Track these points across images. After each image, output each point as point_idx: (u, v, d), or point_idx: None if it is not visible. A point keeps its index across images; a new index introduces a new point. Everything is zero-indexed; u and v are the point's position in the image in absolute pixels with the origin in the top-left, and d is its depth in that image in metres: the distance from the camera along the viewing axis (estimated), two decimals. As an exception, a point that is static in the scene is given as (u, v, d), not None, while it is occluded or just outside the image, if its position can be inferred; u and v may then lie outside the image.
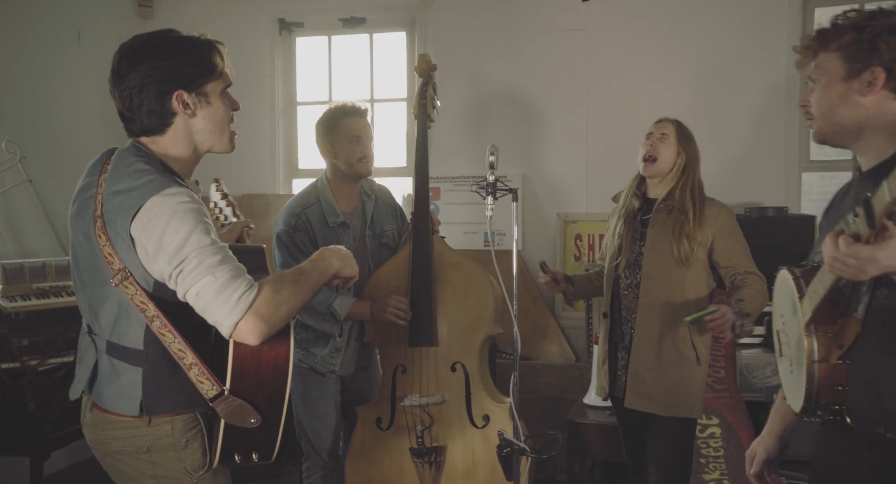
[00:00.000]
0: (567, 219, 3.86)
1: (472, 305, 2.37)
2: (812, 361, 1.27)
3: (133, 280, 1.41)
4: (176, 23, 4.63)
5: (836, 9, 4.17)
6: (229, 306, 1.34)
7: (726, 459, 2.87)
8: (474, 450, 2.33)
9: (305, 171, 4.28)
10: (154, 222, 1.37)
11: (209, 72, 1.50)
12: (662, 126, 2.37)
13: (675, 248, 2.24)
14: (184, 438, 1.51)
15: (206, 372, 1.42)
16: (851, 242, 1.09)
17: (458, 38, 3.95)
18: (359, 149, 2.45)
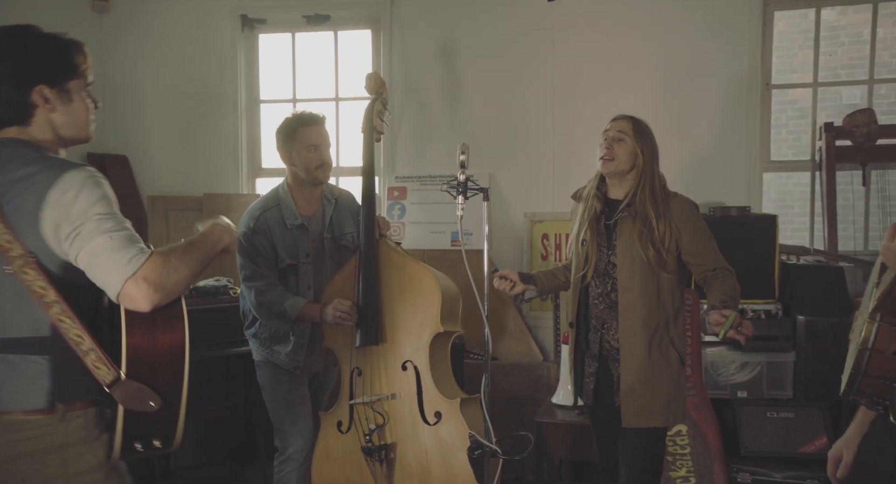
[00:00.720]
0: (534, 218, 3.87)
1: (419, 303, 2.41)
2: (866, 348, 1.24)
3: (36, 265, 1.41)
4: (133, 17, 4.56)
5: (795, 12, 4.23)
6: (121, 265, 1.37)
7: (692, 457, 2.90)
8: (427, 447, 2.35)
9: (269, 171, 4.21)
10: (67, 195, 1.40)
11: (72, 70, 1.54)
12: (618, 124, 2.31)
13: (644, 256, 2.20)
14: (96, 429, 1.50)
15: (103, 358, 1.41)
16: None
17: (424, 37, 3.93)
18: (316, 157, 2.54)
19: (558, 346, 3.57)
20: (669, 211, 2.23)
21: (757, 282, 3.19)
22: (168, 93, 4.13)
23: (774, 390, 3.10)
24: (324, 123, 2.61)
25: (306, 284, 2.56)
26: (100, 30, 4.23)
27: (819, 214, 3.63)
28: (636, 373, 2.22)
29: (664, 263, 2.21)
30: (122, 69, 4.22)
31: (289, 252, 2.53)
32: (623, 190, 2.29)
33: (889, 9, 3.97)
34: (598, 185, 2.35)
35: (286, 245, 2.52)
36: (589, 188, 2.37)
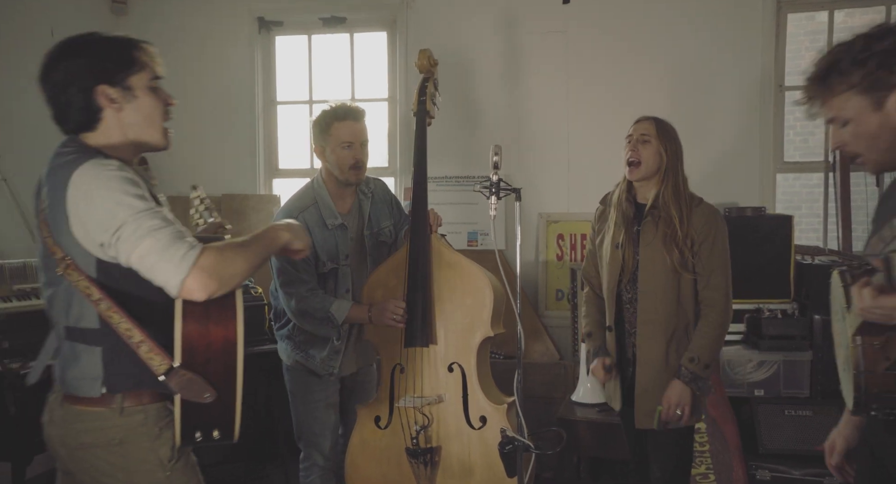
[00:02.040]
0: (549, 219, 3.90)
1: (470, 305, 2.35)
2: (859, 371, 1.30)
3: (75, 267, 1.44)
4: (151, 20, 4.60)
5: (809, 14, 4.26)
6: (174, 264, 1.36)
7: (711, 453, 2.94)
8: (471, 451, 2.32)
9: (286, 171, 4.25)
10: (83, 191, 1.40)
11: (129, 65, 1.52)
12: (642, 126, 2.31)
13: (668, 258, 2.21)
14: (157, 427, 1.52)
15: (154, 348, 1.43)
16: (876, 295, 1.16)
17: (440, 39, 3.95)
18: (349, 155, 2.41)
19: (576, 345, 3.61)
20: (692, 218, 2.23)
21: (773, 282, 3.23)
22: (186, 94, 4.13)
23: (791, 389, 3.13)
24: (362, 118, 2.46)
25: (345, 287, 2.46)
26: (118, 31, 4.24)
27: (832, 215, 3.67)
28: (652, 375, 2.24)
29: (687, 264, 2.22)
30: (139, 71, 4.26)
31: (329, 255, 2.42)
32: (651, 193, 2.30)
33: (901, 11, 4.00)
34: (626, 188, 2.35)
35: (326, 247, 2.41)
36: (619, 193, 2.37)
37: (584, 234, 3.84)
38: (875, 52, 1.35)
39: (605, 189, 2.62)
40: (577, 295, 3.58)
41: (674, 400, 2.19)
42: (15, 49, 3.60)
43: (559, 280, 3.87)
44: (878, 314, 1.17)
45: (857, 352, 1.30)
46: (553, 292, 3.89)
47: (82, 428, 1.51)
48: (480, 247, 3.93)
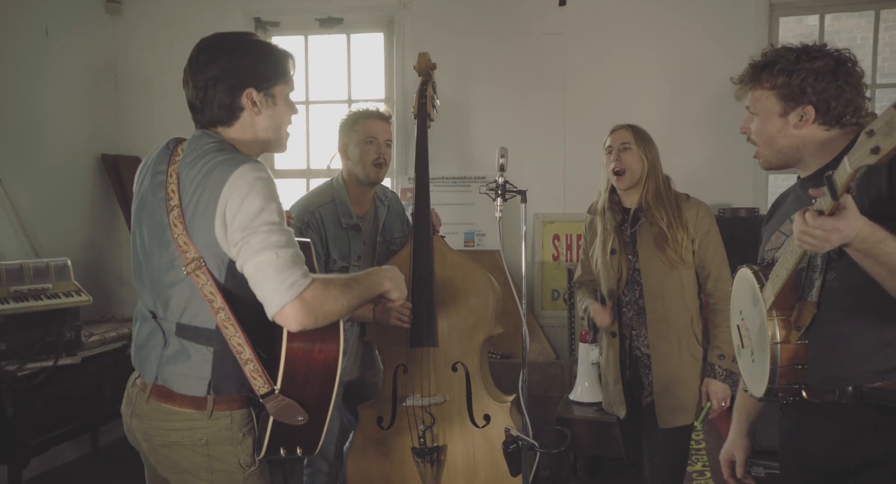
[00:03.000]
0: (545, 219, 3.93)
1: (473, 305, 2.38)
2: (775, 343, 1.39)
3: (206, 270, 1.45)
4: (146, 19, 4.58)
5: (798, 17, 4.32)
6: (284, 288, 1.39)
7: (707, 451, 2.97)
8: (475, 449, 2.35)
9: (283, 172, 4.25)
10: (238, 190, 1.41)
11: (280, 76, 1.58)
12: (620, 135, 2.36)
13: (662, 257, 2.28)
14: (241, 432, 1.55)
15: (259, 369, 1.47)
16: (817, 215, 1.22)
17: (437, 40, 3.97)
18: (373, 149, 2.42)
19: (572, 344, 3.64)
20: (682, 216, 2.30)
21: (767, 281, 3.28)
22: (182, 94, 4.13)
23: (785, 387, 3.18)
24: (388, 120, 2.49)
25: None
26: (113, 31, 4.24)
27: (824, 215, 3.72)
28: (669, 374, 2.29)
29: (681, 262, 2.28)
30: (135, 70, 4.25)
31: (341, 253, 2.42)
32: (635, 197, 2.35)
33: (892, 14, 4.07)
34: (609, 197, 2.40)
35: (339, 245, 2.41)
36: (602, 201, 2.41)
37: (579, 234, 3.85)
38: (803, 67, 1.48)
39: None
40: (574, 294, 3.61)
41: (720, 396, 2.27)
42: (9, 48, 3.58)
43: (555, 280, 3.90)
44: (818, 236, 1.22)
45: (774, 324, 1.39)
46: (549, 292, 3.92)
47: (171, 427, 1.53)
48: (477, 247, 3.95)
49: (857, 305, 1.38)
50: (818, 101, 1.47)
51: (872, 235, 1.22)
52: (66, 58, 3.89)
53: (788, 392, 1.43)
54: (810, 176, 1.53)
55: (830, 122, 1.48)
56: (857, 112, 1.49)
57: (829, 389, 1.41)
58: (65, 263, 3.21)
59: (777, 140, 1.53)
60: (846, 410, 1.41)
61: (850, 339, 1.41)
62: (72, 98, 3.94)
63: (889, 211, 1.30)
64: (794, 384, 1.42)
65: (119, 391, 1.69)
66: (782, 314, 1.40)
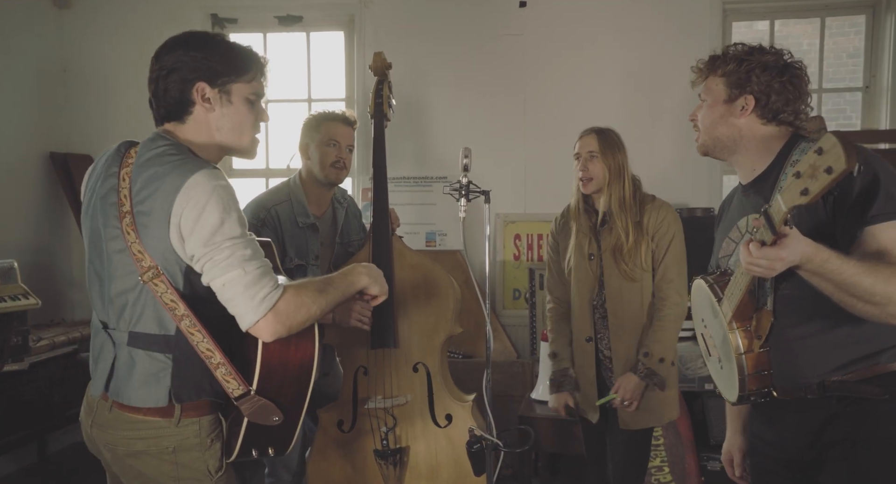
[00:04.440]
0: (506, 219, 3.95)
1: (433, 305, 2.37)
2: (739, 354, 1.45)
3: (164, 278, 1.41)
4: (97, 14, 4.45)
5: (752, 23, 4.44)
6: (254, 304, 1.38)
7: (666, 448, 3.03)
8: (437, 449, 2.34)
9: (241, 171, 4.17)
10: (194, 201, 1.37)
11: (236, 72, 1.52)
12: (587, 143, 2.37)
13: (618, 267, 2.29)
14: (209, 438, 1.52)
15: (232, 372, 1.44)
16: (759, 247, 1.29)
17: (397, 40, 3.96)
18: (333, 152, 2.42)
19: (534, 343, 3.67)
20: (643, 223, 2.30)
21: (722, 280, 3.36)
22: (136, 91, 3.99)
23: (739, 382, 3.26)
24: (352, 125, 2.50)
25: None
26: (61, 25, 4.11)
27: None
28: None
29: (640, 271, 2.29)
30: (86, 66, 4.12)
31: (298, 252, 2.41)
32: (606, 200, 2.36)
33: (836, 21, 4.22)
34: (583, 199, 2.41)
35: (295, 244, 2.40)
36: (575, 203, 2.42)
37: (540, 234, 3.90)
38: (754, 59, 1.56)
39: (561, 190, 2.68)
40: (536, 294, 3.64)
41: (627, 395, 2.27)
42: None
43: (516, 280, 3.93)
44: (763, 265, 1.29)
45: (736, 336, 1.46)
46: (510, 292, 3.94)
47: (135, 436, 1.48)
48: (439, 247, 3.95)
49: (810, 309, 1.45)
50: (759, 93, 1.54)
51: (817, 256, 1.28)
52: (11, 53, 3.75)
53: (760, 395, 1.49)
54: (751, 182, 1.60)
55: (767, 115, 1.55)
56: (796, 113, 1.57)
57: (795, 387, 1.48)
58: (11, 265, 3.10)
59: (718, 127, 1.60)
60: (811, 403, 1.48)
61: (808, 341, 1.48)
62: (17, 94, 3.80)
63: (833, 231, 1.39)
64: (764, 388, 1.48)
65: (69, 397, 1.64)
66: (742, 325, 1.46)
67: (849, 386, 1.44)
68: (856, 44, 4.37)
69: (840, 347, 1.46)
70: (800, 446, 1.54)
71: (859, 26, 4.03)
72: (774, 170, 1.55)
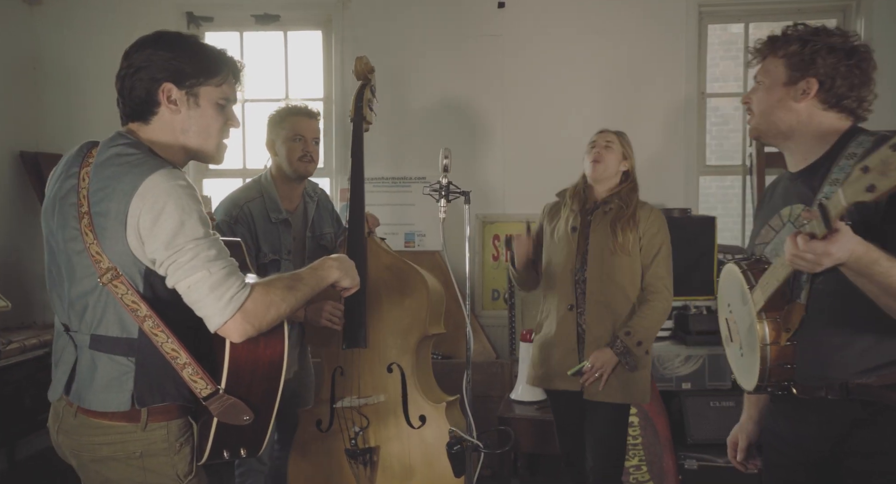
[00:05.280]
0: (485, 220, 3.95)
1: (408, 305, 2.38)
2: (765, 344, 1.43)
3: (124, 279, 1.39)
4: (69, 11, 4.37)
5: (723, 25, 4.48)
6: (221, 305, 1.36)
7: (644, 446, 3.06)
8: (410, 450, 2.34)
9: (217, 172, 4.12)
10: (151, 202, 1.35)
11: (206, 75, 1.50)
12: (606, 136, 2.55)
13: (611, 241, 2.41)
14: (178, 442, 1.49)
15: (199, 371, 1.41)
16: (808, 240, 1.24)
17: (376, 40, 3.95)
18: (299, 147, 2.44)
19: (513, 344, 3.67)
20: (640, 215, 2.46)
21: (698, 279, 3.40)
22: (109, 89, 3.93)
23: (715, 381, 3.30)
24: (316, 118, 2.53)
25: None
26: (31, 22, 4.03)
27: (750, 215, 3.88)
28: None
29: (627, 246, 2.41)
30: (58, 64, 4.04)
31: (272, 247, 2.43)
32: (605, 191, 2.52)
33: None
34: (584, 186, 2.56)
35: (269, 239, 2.42)
36: (573, 189, 2.57)
37: (519, 235, 3.90)
38: (820, 40, 1.48)
39: (540, 190, 2.72)
40: (516, 295, 3.65)
41: (598, 364, 2.36)
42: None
43: (495, 280, 3.93)
44: (809, 259, 1.25)
45: (764, 326, 1.43)
46: (489, 292, 3.94)
47: (101, 441, 1.45)
48: (418, 248, 3.94)
49: (844, 308, 1.41)
50: (824, 76, 1.46)
51: (866, 255, 1.23)
52: (-19, 49, 3.68)
53: (778, 388, 1.47)
54: (803, 170, 1.53)
55: (830, 100, 1.48)
56: (860, 100, 1.49)
57: (817, 385, 1.46)
58: (-20, 266, 3.03)
59: (775, 110, 1.52)
60: (833, 405, 1.45)
61: (836, 340, 1.44)
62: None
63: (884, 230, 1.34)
64: (783, 381, 1.46)
65: (40, 402, 1.60)
66: (771, 316, 1.43)
67: (873, 390, 1.40)
68: (827, 47, 4.44)
69: (869, 349, 1.42)
70: (821, 450, 1.50)
71: (831, 30, 4.10)
72: (828, 161, 1.47)
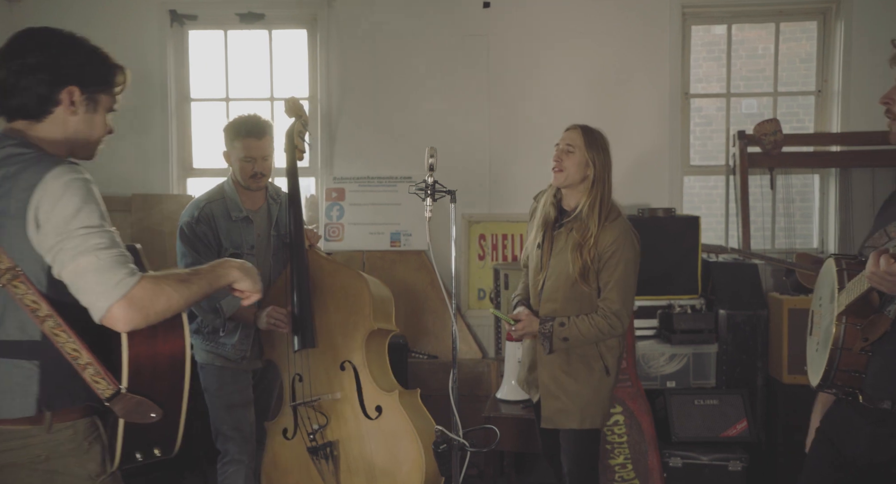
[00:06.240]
0: (471, 219, 3.96)
1: (350, 305, 2.49)
2: (836, 348, 1.41)
3: (24, 278, 1.36)
4: (50, 7, 4.31)
5: (710, 27, 4.52)
6: (107, 289, 1.32)
7: (629, 444, 3.07)
8: (372, 442, 2.43)
9: (201, 171, 4.10)
10: (51, 192, 1.35)
11: (109, 85, 1.54)
12: (569, 136, 2.36)
13: (571, 265, 2.28)
14: (86, 442, 1.46)
15: (101, 371, 1.38)
16: (892, 262, 1.24)
17: (361, 38, 3.95)
18: (249, 167, 2.55)
19: (499, 343, 3.68)
20: (603, 233, 2.29)
21: (682, 279, 3.42)
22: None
23: (699, 380, 3.33)
24: (264, 136, 2.57)
25: None
26: (10, 18, 3.98)
27: (733, 215, 3.92)
28: (551, 378, 2.36)
29: (588, 275, 2.29)
30: (37, 62, 3.99)
31: (233, 243, 2.55)
32: (575, 200, 2.37)
33: (789, 27, 4.34)
34: (554, 193, 2.43)
35: (230, 236, 2.55)
36: (547, 195, 2.45)
37: (505, 234, 3.93)
38: None
39: (525, 191, 2.71)
40: (501, 294, 3.66)
41: (520, 326, 2.35)
42: None
43: (481, 280, 3.94)
44: (888, 281, 1.24)
45: (840, 330, 1.41)
46: (475, 292, 3.95)
47: (3, 447, 1.41)
48: (404, 247, 3.94)
49: None
50: None
51: None
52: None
53: (843, 392, 1.46)
54: None
55: None
56: None
57: (883, 397, 1.43)
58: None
59: None
60: (892, 417, 1.43)
61: None
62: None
63: None
64: (849, 387, 1.44)
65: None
66: (852, 322, 1.40)
67: None
68: (808, 49, 4.51)
69: None
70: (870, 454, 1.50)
71: (811, 32, 4.15)
72: None
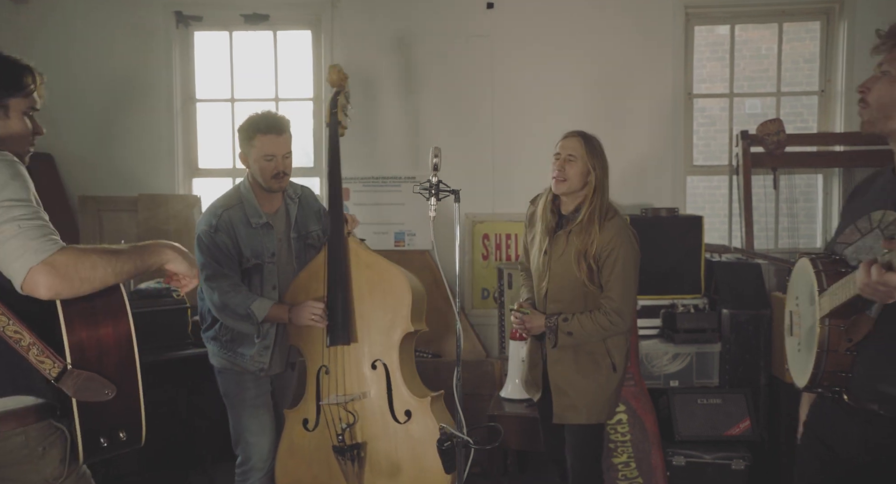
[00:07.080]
0: (475, 219, 3.97)
1: (390, 303, 2.41)
2: (822, 350, 1.41)
3: None
4: (57, 9, 4.34)
5: (713, 27, 4.53)
6: (28, 253, 1.31)
7: (632, 443, 3.09)
8: (397, 445, 2.38)
9: (206, 171, 4.12)
10: None
11: (15, 88, 1.54)
12: (569, 145, 2.37)
13: (577, 271, 2.33)
14: (40, 447, 1.43)
15: (45, 350, 1.37)
16: (884, 272, 1.22)
17: (365, 39, 3.96)
18: (271, 166, 2.45)
19: (503, 342, 3.70)
20: (601, 236, 2.32)
21: (686, 278, 3.43)
22: (98, 88, 3.96)
23: (703, 379, 3.34)
24: (285, 131, 2.49)
25: (271, 284, 2.49)
26: (17, 20, 4.00)
27: (736, 215, 3.93)
28: (561, 375, 2.39)
29: (594, 277, 2.34)
30: (44, 62, 3.96)
31: (254, 252, 2.46)
32: (573, 204, 2.40)
33: (793, 27, 4.34)
34: (552, 199, 2.45)
35: (251, 244, 2.45)
36: (544, 202, 2.46)
37: (508, 234, 3.94)
38: None
39: (529, 190, 2.71)
40: (506, 294, 3.67)
41: (526, 322, 2.41)
42: None
43: (485, 279, 3.95)
44: (881, 291, 1.23)
45: (824, 332, 1.41)
46: (479, 291, 3.97)
47: None
48: (408, 247, 3.95)
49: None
50: None
51: None
52: (-32, 48, 3.65)
53: (830, 391, 1.45)
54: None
55: None
56: None
57: (870, 399, 1.43)
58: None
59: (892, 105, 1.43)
60: (881, 419, 1.42)
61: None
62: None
63: None
64: (835, 387, 1.44)
65: None
66: (835, 323, 1.40)
67: None
68: (811, 49, 4.51)
69: None
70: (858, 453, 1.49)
71: (814, 32, 4.15)
72: None
